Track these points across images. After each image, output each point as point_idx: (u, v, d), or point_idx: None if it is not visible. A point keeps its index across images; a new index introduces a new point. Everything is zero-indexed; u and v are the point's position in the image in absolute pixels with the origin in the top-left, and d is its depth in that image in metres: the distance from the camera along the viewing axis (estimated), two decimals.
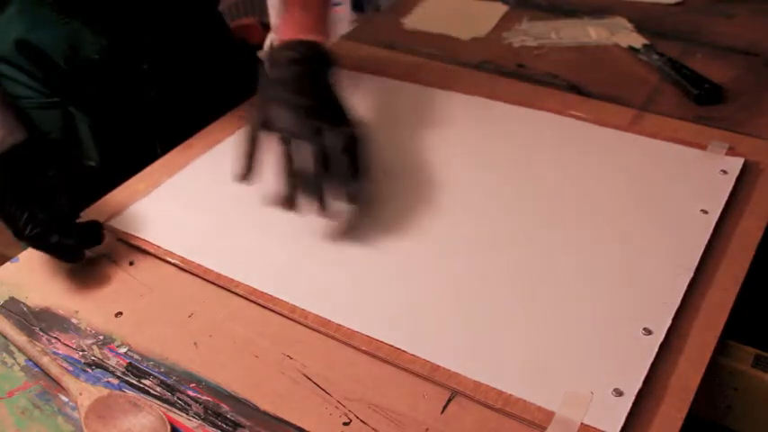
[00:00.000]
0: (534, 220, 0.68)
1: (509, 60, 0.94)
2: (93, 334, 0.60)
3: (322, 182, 0.64)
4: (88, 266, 0.66)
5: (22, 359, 0.59)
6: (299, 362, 0.57)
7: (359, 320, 0.59)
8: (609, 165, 0.74)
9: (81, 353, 0.59)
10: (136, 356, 0.58)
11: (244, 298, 0.62)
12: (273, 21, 1.64)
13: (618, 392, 0.52)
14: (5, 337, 0.60)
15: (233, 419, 0.53)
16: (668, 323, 0.56)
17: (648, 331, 0.56)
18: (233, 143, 0.79)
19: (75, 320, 0.61)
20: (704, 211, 0.67)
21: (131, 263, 0.67)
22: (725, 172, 0.71)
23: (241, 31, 1.78)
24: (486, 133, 0.80)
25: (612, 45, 0.97)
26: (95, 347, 0.59)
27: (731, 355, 0.61)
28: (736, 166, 0.72)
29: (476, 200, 0.70)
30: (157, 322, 0.61)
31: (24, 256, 0.68)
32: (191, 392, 0.55)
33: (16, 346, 0.59)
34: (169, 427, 0.52)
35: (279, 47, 0.74)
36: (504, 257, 0.64)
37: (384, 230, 0.68)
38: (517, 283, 0.62)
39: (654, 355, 0.54)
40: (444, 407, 0.53)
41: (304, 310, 0.60)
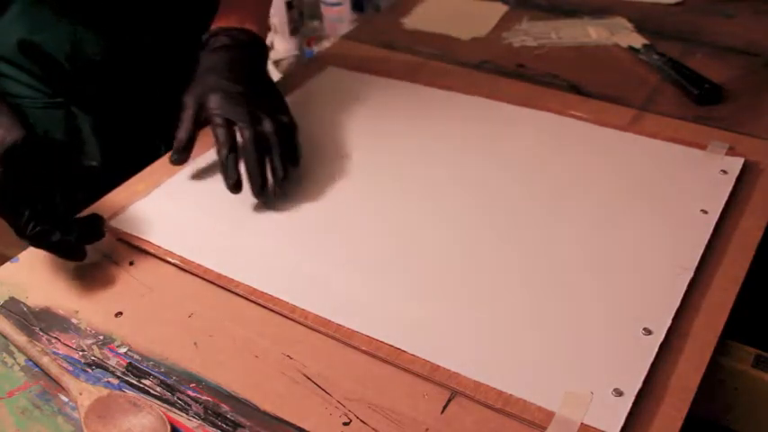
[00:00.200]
0: (534, 220, 0.68)
1: (509, 60, 0.94)
2: (93, 334, 0.60)
3: (264, 167, 0.69)
4: (88, 266, 0.66)
5: (22, 359, 0.59)
6: (299, 362, 0.57)
7: (359, 320, 0.59)
8: (609, 165, 0.74)
9: (81, 353, 0.59)
10: (136, 356, 0.58)
11: (244, 298, 0.62)
12: (273, 21, 1.65)
13: (618, 392, 0.52)
14: (5, 337, 0.60)
15: (233, 419, 0.53)
16: (668, 323, 0.56)
17: (648, 331, 0.56)
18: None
19: (75, 320, 0.61)
20: (704, 211, 0.67)
21: (131, 263, 0.67)
22: (725, 172, 0.71)
23: None
24: (486, 133, 0.80)
25: (612, 45, 0.97)
26: (95, 347, 0.59)
27: (731, 355, 0.61)
28: (736, 166, 0.72)
29: (475, 201, 0.70)
30: (157, 322, 0.61)
31: (24, 256, 0.68)
32: (191, 392, 0.55)
33: (16, 346, 0.59)
34: (169, 427, 0.52)
35: (212, 33, 0.78)
36: (504, 258, 0.64)
37: (384, 230, 0.68)
38: (517, 282, 0.62)
39: (654, 355, 0.54)
40: (444, 407, 0.53)
41: (304, 310, 0.60)
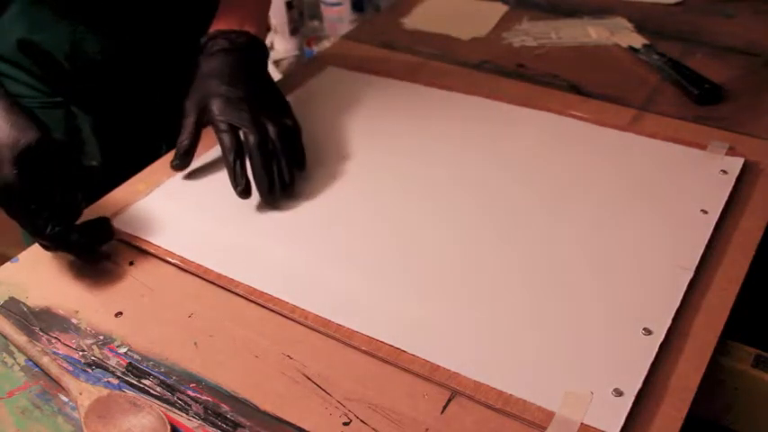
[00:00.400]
0: (534, 220, 0.68)
1: (509, 60, 0.94)
2: (93, 334, 0.60)
3: (271, 170, 0.69)
4: (88, 266, 0.66)
5: (22, 359, 0.59)
6: (299, 362, 0.57)
7: (359, 320, 0.59)
8: (609, 165, 0.74)
9: (81, 353, 0.59)
10: (136, 356, 0.58)
11: (244, 298, 0.62)
12: (273, 22, 1.65)
13: (618, 392, 0.52)
14: (5, 337, 0.60)
15: (233, 419, 0.53)
16: (668, 323, 0.56)
17: (648, 331, 0.56)
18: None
19: (75, 320, 0.61)
20: (704, 211, 0.67)
21: (131, 263, 0.67)
22: (725, 172, 0.71)
23: None
24: (486, 133, 0.80)
25: (612, 45, 0.96)
26: (95, 347, 0.59)
27: (731, 355, 0.61)
28: (736, 166, 0.72)
29: (475, 201, 0.70)
30: (157, 322, 0.61)
31: (24, 256, 0.68)
32: (191, 392, 0.55)
33: (16, 346, 0.59)
34: (169, 427, 0.52)
35: (210, 36, 0.77)
36: (504, 257, 0.64)
37: (384, 230, 0.68)
38: (517, 283, 0.62)
39: (654, 355, 0.54)
40: (444, 407, 0.53)
41: (304, 310, 0.60)
